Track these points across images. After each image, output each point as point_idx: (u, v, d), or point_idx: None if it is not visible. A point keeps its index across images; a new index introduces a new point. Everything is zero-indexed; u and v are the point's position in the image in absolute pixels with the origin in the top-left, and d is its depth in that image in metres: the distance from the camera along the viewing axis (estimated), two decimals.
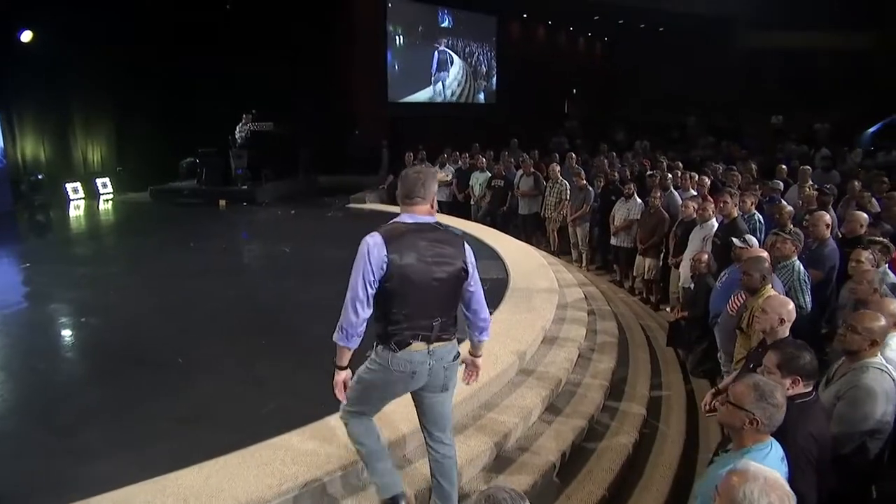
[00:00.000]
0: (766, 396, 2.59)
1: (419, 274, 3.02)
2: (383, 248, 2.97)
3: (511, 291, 6.82)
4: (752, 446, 2.60)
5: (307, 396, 4.47)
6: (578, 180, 10.56)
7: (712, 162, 12.98)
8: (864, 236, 6.42)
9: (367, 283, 2.98)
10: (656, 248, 8.77)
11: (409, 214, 3.12)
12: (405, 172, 3.19)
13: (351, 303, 3.02)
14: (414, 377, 3.17)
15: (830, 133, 16.55)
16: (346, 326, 3.05)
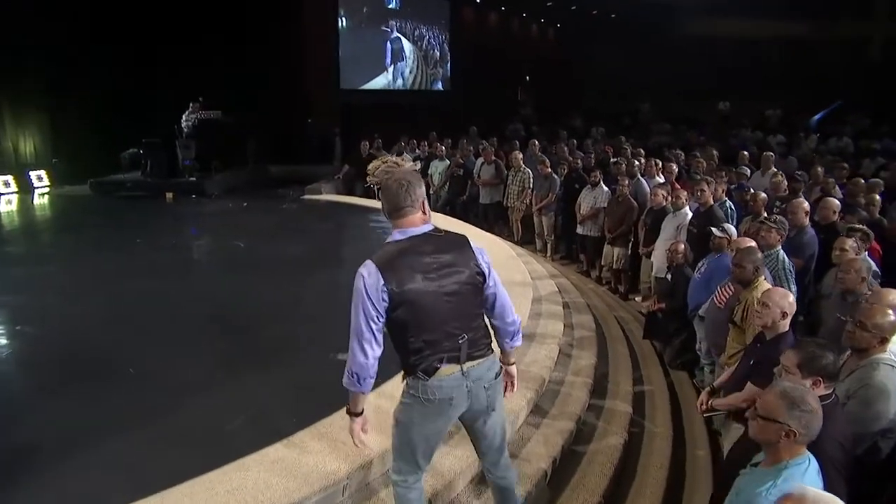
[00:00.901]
0: (798, 403, 2.36)
1: (427, 294, 2.71)
2: (379, 277, 2.64)
3: None
4: (789, 461, 2.37)
5: (276, 408, 4.14)
6: (543, 168, 10.33)
7: (668, 148, 12.96)
8: (838, 223, 6.37)
9: (369, 319, 2.67)
10: (625, 237, 8.61)
11: (398, 231, 2.77)
12: (385, 185, 2.76)
13: (357, 344, 2.70)
14: (452, 403, 2.84)
15: (781, 120, 16.76)
16: (357, 371, 2.73)
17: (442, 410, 2.84)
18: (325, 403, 4.02)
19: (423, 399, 2.79)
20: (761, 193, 6.70)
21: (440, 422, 2.90)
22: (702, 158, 9.98)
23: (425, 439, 2.92)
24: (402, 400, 2.91)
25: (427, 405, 2.80)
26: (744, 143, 13.81)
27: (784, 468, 2.35)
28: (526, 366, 5.09)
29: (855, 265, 4.52)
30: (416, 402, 2.82)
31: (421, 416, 2.84)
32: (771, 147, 12.42)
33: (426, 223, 2.81)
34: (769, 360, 3.64)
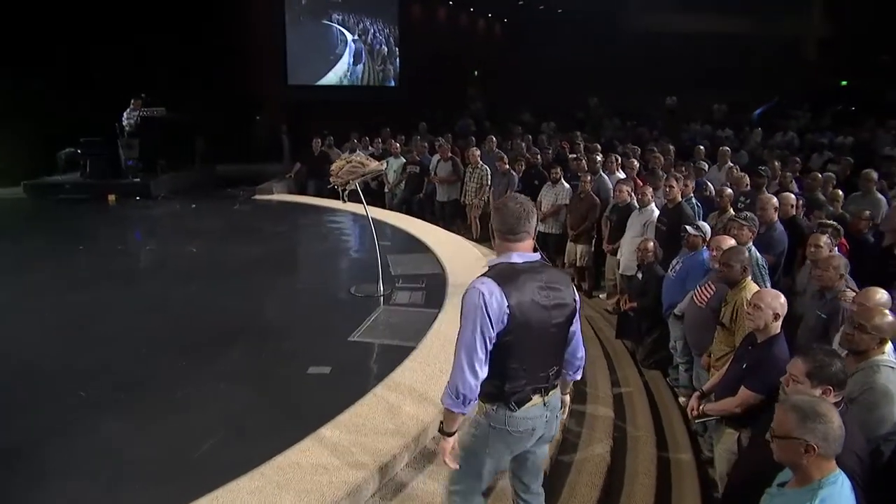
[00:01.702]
0: (810, 415, 2.22)
1: (539, 322, 2.64)
2: (502, 296, 2.54)
3: (452, 289, 6.30)
4: (822, 479, 2.22)
5: (247, 430, 3.82)
6: (501, 165, 10.17)
7: (621, 144, 12.98)
8: (799, 218, 6.40)
9: (486, 339, 2.54)
10: (588, 234, 8.51)
11: (517, 253, 2.68)
12: (505, 204, 2.70)
13: (468, 364, 2.54)
14: (533, 434, 2.79)
15: (725, 114, 17.02)
16: (465, 391, 2.56)
17: (522, 441, 2.79)
18: (303, 424, 3.75)
19: (509, 430, 2.73)
20: (727, 189, 6.68)
21: (515, 451, 2.84)
22: (658, 154, 9.97)
23: (494, 468, 2.87)
24: (475, 429, 2.80)
25: (511, 436, 2.74)
26: (694, 138, 13.96)
27: (818, 489, 2.21)
28: None
29: (833, 262, 4.48)
30: (497, 433, 2.73)
31: (502, 445, 2.77)
32: (721, 142, 12.57)
33: (537, 252, 2.75)
34: (762, 363, 3.56)
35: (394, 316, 5.68)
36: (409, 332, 5.28)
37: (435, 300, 6.05)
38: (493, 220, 2.74)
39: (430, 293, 6.28)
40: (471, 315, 2.54)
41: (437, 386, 4.25)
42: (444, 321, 5.44)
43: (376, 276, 6.28)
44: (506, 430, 2.72)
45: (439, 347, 4.89)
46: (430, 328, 5.29)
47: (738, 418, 3.61)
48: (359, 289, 6.34)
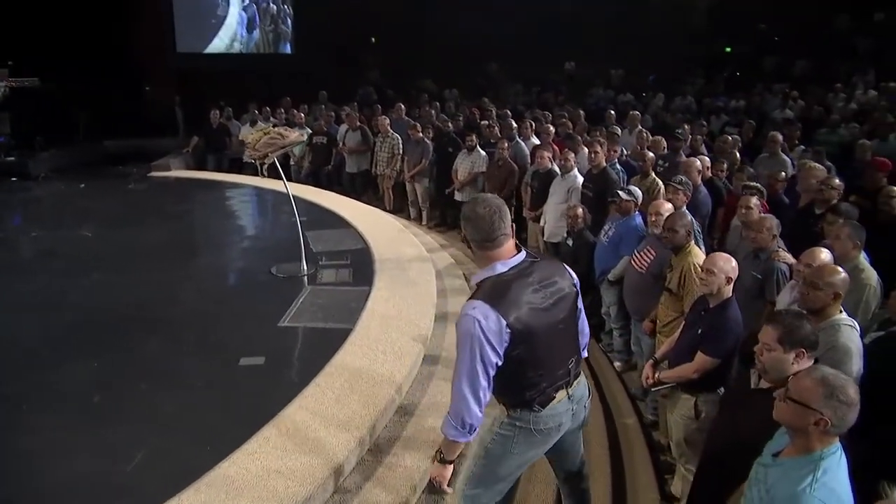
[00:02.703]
0: (837, 393, 2.14)
1: (543, 326, 2.52)
2: (498, 318, 2.38)
3: (380, 264, 6.04)
4: (824, 451, 2.16)
5: (182, 436, 3.43)
6: (414, 133, 9.82)
7: (527, 109, 12.98)
8: (716, 179, 6.54)
9: (487, 367, 2.41)
10: (507, 202, 8.38)
11: (500, 262, 2.51)
12: (473, 210, 2.51)
13: (472, 394, 2.42)
14: (560, 429, 2.72)
15: (623, 79, 17.39)
16: (471, 421, 2.46)
17: (548, 438, 2.72)
18: (245, 424, 3.41)
19: (534, 430, 2.64)
20: (649, 153, 6.71)
21: (542, 449, 2.77)
22: (568, 119, 9.99)
23: (518, 467, 2.80)
24: (499, 431, 2.68)
25: (536, 435, 2.66)
26: (598, 103, 14.17)
27: (820, 459, 2.15)
28: (448, 350, 4.71)
29: (765, 223, 4.53)
30: (521, 433, 2.64)
31: (526, 446, 2.69)
32: (623, 106, 12.80)
33: (519, 249, 2.59)
34: (718, 327, 3.54)
35: (322, 296, 5.35)
36: (342, 312, 4.99)
37: (363, 277, 5.77)
38: (466, 231, 2.56)
39: (356, 270, 5.97)
40: (468, 344, 2.39)
41: (384, 369, 4.05)
42: (377, 299, 5.18)
43: (298, 254, 5.90)
44: (531, 430, 2.63)
45: (378, 327, 4.64)
46: (363, 307, 5.02)
47: (694, 384, 3.58)
48: (280, 269, 5.95)
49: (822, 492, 2.07)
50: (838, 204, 4.64)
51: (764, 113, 11.17)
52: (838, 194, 4.97)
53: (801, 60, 14.71)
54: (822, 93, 11.69)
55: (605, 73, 18.18)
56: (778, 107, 11.38)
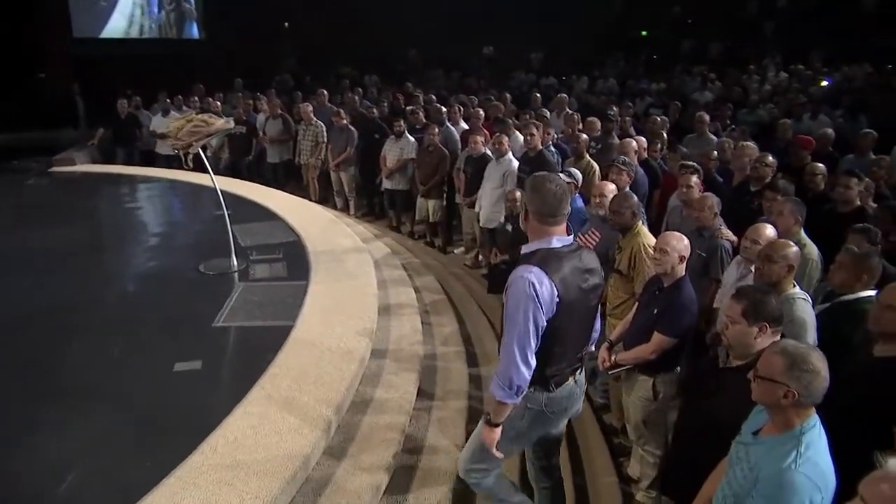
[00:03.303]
0: (799, 363, 2.17)
1: (579, 304, 2.71)
2: (551, 284, 2.55)
3: (315, 256, 5.83)
4: (803, 425, 2.19)
5: (118, 452, 3.17)
6: (338, 120, 9.55)
7: (449, 94, 12.94)
8: (651, 160, 6.67)
9: (538, 328, 2.56)
10: (439, 188, 8.32)
11: (556, 237, 2.67)
12: (541, 185, 2.67)
13: (521, 355, 2.54)
14: (566, 412, 2.94)
15: (542, 62, 17.57)
16: (519, 382, 2.58)
17: (558, 419, 2.93)
18: (188, 436, 3.19)
19: (547, 412, 2.81)
20: (583, 135, 6.75)
21: (549, 428, 2.95)
22: (497, 103, 9.99)
23: (522, 445, 2.99)
24: (510, 413, 2.75)
25: (547, 416, 2.84)
26: (521, 87, 14.25)
27: (800, 434, 2.17)
28: (395, 344, 4.61)
29: (707, 202, 4.63)
30: (534, 414, 2.80)
31: (537, 425, 2.86)
32: (546, 89, 12.94)
33: (569, 231, 2.75)
34: (673, 306, 3.58)
35: (257, 293, 5.11)
36: (280, 309, 4.78)
37: (298, 271, 5.55)
38: (531, 202, 2.68)
39: (291, 264, 5.74)
40: (522, 305, 2.51)
41: (332, 367, 3.88)
42: (316, 293, 4.99)
43: (227, 249, 5.62)
44: (543, 412, 2.79)
45: (320, 323, 4.47)
46: (302, 302, 4.82)
47: (652, 364, 3.61)
48: (208, 266, 5.65)
49: (807, 467, 2.10)
50: (775, 180, 4.80)
51: (684, 95, 11.52)
52: (772, 171, 5.15)
53: (715, 43, 15.27)
54: (738, 75, 12.17)
55: (524, 56, 18.31)
56: (697, 89, 11.76)
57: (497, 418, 2.70)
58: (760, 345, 2.67)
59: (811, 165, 5.40)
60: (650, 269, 3.96)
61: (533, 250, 2.66)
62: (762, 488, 2.16)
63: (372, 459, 3.35)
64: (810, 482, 2.07)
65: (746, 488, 2.23)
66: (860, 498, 1.79)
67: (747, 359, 2.68)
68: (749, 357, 2.68)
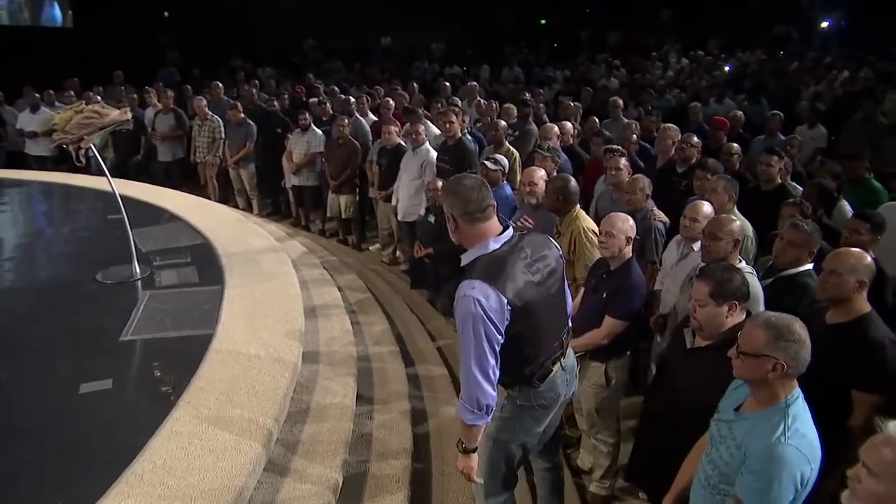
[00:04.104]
0: (784, 333, 2.20)
1: (539, 301, 2.60)
2: (499, 296, 2.43)
3: (227, 258, 5.52)
4: (788, 397, 2.22)
5: (24, 492, 2.84)
6: (235, 114, 9.13)
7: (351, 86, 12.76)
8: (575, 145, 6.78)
9: (494, 345, 2.45)
10: (351, 183, 8.11)
11: (492, 239, 2.56)
12: (457, 186, 2.58)
13: (483, 375, 2.46)
14: (558, 400, 2.85)
15: (444, 52, 17.65)
16: (486, 401, 2.50)
17: (549, 410, 2.83)
18: (105, 466, 2.90)
19: (536, 405, 2.75)
20: (501, 122, 6.76)
21: (545, 421, 2.86)
22: (404, 93, 9.90)
23: (523, 448, 2.87)
24: (502, 416, 2.75)
25: (539, 410, 2.77)
26: (424, 76, 14.22)
27: (786, 407, 2.20)
28: (327, 346, 4.43)
29: (638, 184, 4.72)
30: (523, 411, 2.75)
31: (531, 422, 2.80)
32: (451, 79, 12.96)
33: (505, 225, 2.65)
34: (623, 289, 3.61)
35: (168, 301, 4.77)
36: (195, 317, 4.48)
37: (210, 275, 5.24)
38: (453, 207, 2.56)
39: (201, 268, 5.41)
40: (470, 326, 2.41)
41: (263, 375, 3.67)
42: (234, 297, 4.72)
43: (127, 256, 5.23)
44: (533, 406, 2.73)
45: (245, 329, 4.22)
46: (220, 308, 4.54)
47: (604, 350, 3.62)
48: (107, 275, 5.23)
49: (796, 439, 2.12)
50: (705, 160, 4.94)
51: (591, 82, 11.83)
52: (698, 152, 5.32)
53: (615, 32, 15.81)
54: (642, 62, 12.63)
55: (425, 46, 18.32)
56: (603, 76, 12.11)
57: (471, 443, 2.63)
58: (730, 323, 2.71)
59: (727, 146, 5.63)
60: (593, 253, 3.97)
61: (471, 260, 2.57)
62: (752, 464, 2.17)
63: (319, 471, 3.17)
64: (801, 454, 2.10)
65: (734, 466, 2.23)
66: (862, 463, 1.82)
67: (715, 338, 2.71)
68: (717, 336, 2.71)
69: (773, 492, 2.12)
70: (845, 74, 10.52)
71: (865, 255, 2.96)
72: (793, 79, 10.38)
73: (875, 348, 2.82)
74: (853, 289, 2.89)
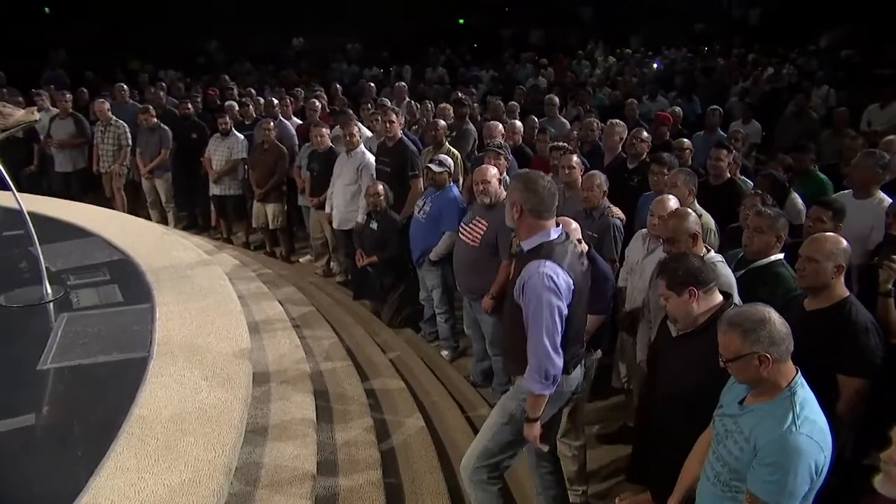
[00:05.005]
0: (748, 325, 2.24)
1: (584, 290, 3.02)
2: (564, 273, 2.85)
3: (153, 274, 5.20)
4: (791, 384, 2.25)
5: None
6: (147, 118, 8.70)
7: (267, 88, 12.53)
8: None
9: (562, 317, 2.85)
10: (279, 191, 7.89)
11: (553, 229, 2.96)
12: (535, 184, 2.94)
13: (552, 345, 2.83)
14: (575, 392, 3.21)
15: (361, 53, 17.53)
16: (555, 372, 2.86)
17: (566, 399, 3.18)
18: None
19: (564, 391, 3.07)
20: (441, 122, 6.72)
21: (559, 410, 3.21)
22: (322, 94, 9.77)
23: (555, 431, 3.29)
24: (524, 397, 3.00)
25: (563, 397, 3.11)
26: (342, 78, 14.08)
27: (793, 394, 2.23)
28: (277, 364, 4.25)
29: (595, 181, 4.77)
30: (553, 397, 2.97)
31: (552, 409, 3.08)
32: (374, 80, 12.88)
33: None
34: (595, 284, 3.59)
35: (90, 324, 4.43)
36: (125, 339, 4.18)
37: (136, 293, 4.91)
38: (525, 201, 2.90)
39: (124, 286, 5.06)
40: (544, 299, 2.78)
41: (213, 398, 3.47)
42: (169, 316, 4.44)
43: (36, 276, 4.87)
44: (561, 392, 3.03)
45: (186, 350, 3.97)
46: (154, 329, 4.27)
47: None
48: (12, 298, 4.82)
49: (807, 427, 2.16)
50: (660, 154, 5.03)
51: (518, 81, 11.98)
52: (648, 146, 5.42)
53: (536, 30, 16.11)
54: (568, 60, 12.91)
55: (340, 47, 18.17)
56: (530, 75, 12.29)
57: (535, 413, 2.95)
58: (700, 308, 2.78)
59: (679, 141, 5.80)
60: None
61: (536, 245, 2.90)
62: (764, 456, 2.18)
63: (286, 501, 3.01)
64: (813, 443, 2.13)
65: (745, 460, 2.25)
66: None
67: (694, 326, 2.80)
68: (696, 324, 2.79)
69: (788, 484, 2.15)
70: (770, 71, 11.12)
71: (841, 240, 3.07)
72: (721, 76, 10.87)
73: (859, 331, 2.91)
74: (832, 274, 2.98)
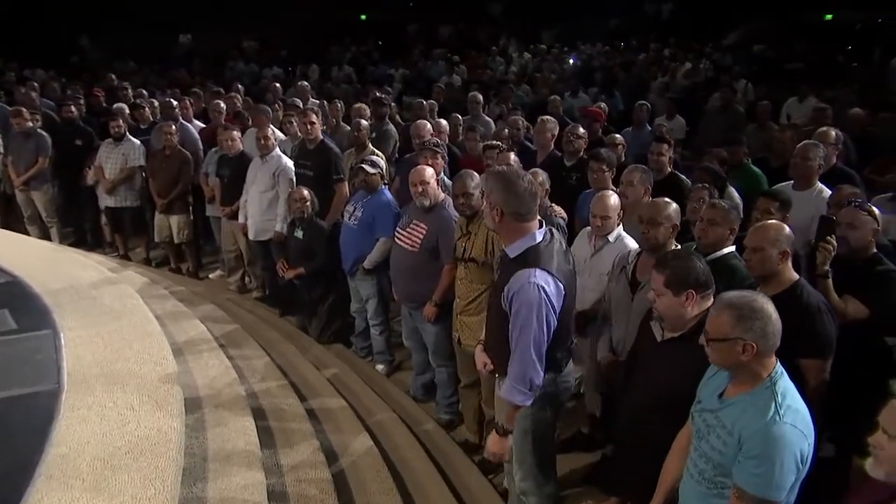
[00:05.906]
0: (746, 311, 2.29)
1: (573, 289, 3.09)
2: (555, 281, 2.89)
3: (51, 296, 4.92)
4: (772, 375, 2.33)
5: None
6: (21, 122, 8.05)
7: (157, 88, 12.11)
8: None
9: (551, 328, 2.91)
10: (183, 200, 7.58)
11: (537, 231, 2.97)
12: (514, 184, 2.92)
13: (538, 358, 2.89)
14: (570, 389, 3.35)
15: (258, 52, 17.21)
16: (538, 381, 2.92)
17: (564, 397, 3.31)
18: None
19: (560, 390, 3.18)
20: (363, 121, 6.66)
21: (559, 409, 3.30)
22: (237, 95, 9.55)
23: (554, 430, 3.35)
24: (532, 409, 3.05)
25: (562, 395, 3.23)
26: (240, 77, 13.81)
27: (773, 384, 2.30)
28: (209, 388, 4.09)
29: (538, 178, 4.75)
30: (549, 399, 3.11)
31: (554, 409, 3.20)
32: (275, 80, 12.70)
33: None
34: None
35: None
36: (27, 371, 3.94)
37: (34, 318, 4.64)
38: (505, 204, 2.88)
39: (17, 311, 4.77)
40: (535, 311, 2.82)
41: (145, 429, 3.30)
42: (77, 341, 4.22)
43: None
44: (559, 391, 3.16)
45: (103, 378, 3.77)
46: (61, 357, 4.03)
47: None
48: None
49: (790, 416, 2.24)
50: (597, 151, 5.13)
51: (431, 79, 12.06)
52: (585, 143, 5.55)
53: (445, 26, 16.27)
54: (481, 57, 13.09)
55: (233, 46, 17.78)
56: (443, 72, 12.39)
57: (511, 425, 3.00)
58: (692, 313, 2.78)
59: (611, 136, 5.98)
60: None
61: (522, 251, 2.91)
62: (749, 448, 2.24)
63: None
64: (798, 431, 2.21)
65: (729, 454, 2.31)
66: (881, 430, 1.96)
67: (683, 329, 2.81)
68: (685, 328, 2.80)
69: (775, 475, 2.21)
70: (687, 66, 11.62)
71: (783, 226, 3.25)
72: (640, 71, 11.28)
73: (812, 313, 3.04)
74: (778, 260, 3.13)
